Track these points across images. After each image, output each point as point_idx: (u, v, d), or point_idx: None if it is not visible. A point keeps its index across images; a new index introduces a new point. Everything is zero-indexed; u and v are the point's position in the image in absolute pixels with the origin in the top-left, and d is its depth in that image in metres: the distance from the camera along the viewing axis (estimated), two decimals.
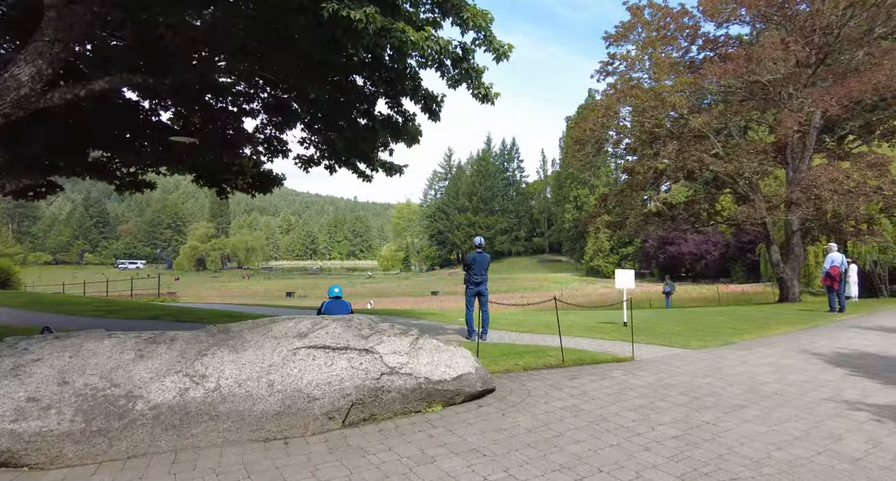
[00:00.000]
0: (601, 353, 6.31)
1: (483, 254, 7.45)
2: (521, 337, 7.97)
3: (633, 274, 8.46)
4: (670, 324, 9.16)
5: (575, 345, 7.12)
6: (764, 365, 5.76)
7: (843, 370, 5.55)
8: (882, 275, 26.12)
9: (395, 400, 3.77)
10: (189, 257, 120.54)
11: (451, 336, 7.92)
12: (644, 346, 6.95)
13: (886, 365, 5.83)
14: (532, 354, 5.96)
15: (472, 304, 7.53)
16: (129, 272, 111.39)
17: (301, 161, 8.11)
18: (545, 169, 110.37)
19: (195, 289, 78.96)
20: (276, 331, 3.90)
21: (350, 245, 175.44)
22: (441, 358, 4.17)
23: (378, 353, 3.85)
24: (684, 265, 55.46)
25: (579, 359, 5.78)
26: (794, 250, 17.06)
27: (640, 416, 3.91)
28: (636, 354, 6.30)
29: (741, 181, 17.33)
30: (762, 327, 8.74)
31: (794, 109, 14.72)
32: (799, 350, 6.74)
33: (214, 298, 60.50)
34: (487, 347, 6.53)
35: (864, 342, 7.35)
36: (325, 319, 4.16)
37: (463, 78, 5.90)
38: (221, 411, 3.25)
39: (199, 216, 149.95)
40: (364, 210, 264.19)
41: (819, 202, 14.30)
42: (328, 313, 5.86)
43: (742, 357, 6.28)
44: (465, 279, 7.44)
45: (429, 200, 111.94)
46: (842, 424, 3.76)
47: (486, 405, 4.15)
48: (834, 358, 6.22)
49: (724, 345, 7.17)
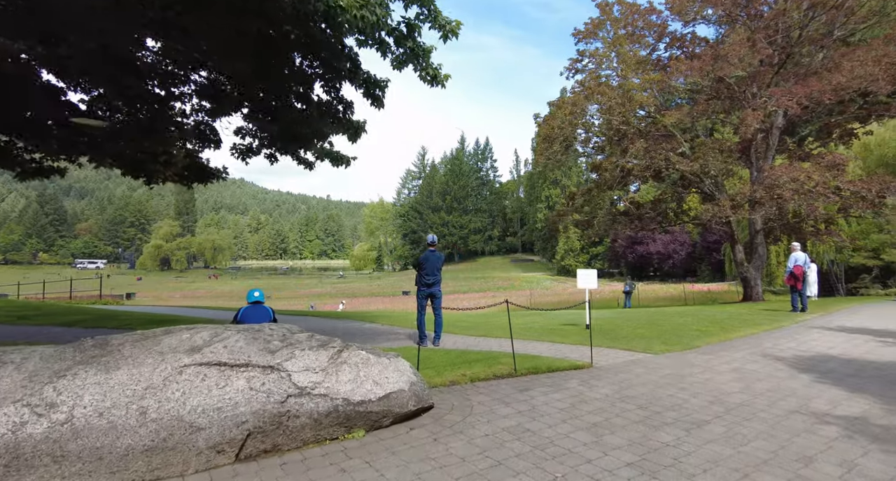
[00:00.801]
0: (559, 360, 5.85)
1: (436, 253, 6.90)
2: (477, 342, 7.46)
3: (595, 274, 8.07)
4: (634, 327, 8.83)
5: (533, 349, 6.66)
6: (729, 372, 5.40)
7: (809, 376, 5.24)
8: (838, 274, 26.95)
9: (305, 426, 3.17)
10: (153, 256, 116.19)
11: (402, 342, 7.36)
12: (605, 351, 6.54)
13: (850, 369, 5.57)
14: (483, 363, 5.44)
15: (425, 307, 6.97)
16: (89, 272, 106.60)
17: (238, 151, 7.39)
18: (518, 169, 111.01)
19: (157, 289, 76.06)
20: (164, 345, 3.24)
21: (322, 244, 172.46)
22: (369, 373, 3.59)
23: (286, 371, 3.24)
24: (652, 264, 56.44)
25: (534, 367, 5.30)
26: (758, 250, 17.19)
27: (593, 438, 3.42)
28: (596, 360, 5.87)
29: (707, 180, 17.36)
30: (727, 329, 8.49)
31: (758, 108, 14.74)
32: (764, 354, 6.45)
33: (175, 300, 58.28)
34: (436, 355, 5.99)
35: (827, 344, 7.14)
36: (228, 330, 3.52)
37: (409, 58, 5.34)
38: (71, 450, 2.58)
39: (165, 214, 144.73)
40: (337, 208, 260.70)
41: (781, 201, 14.36)
42: (244, 321, 5.19)
43: (706, 362, 5.93)
44: (417, 280, 6.87)
45: (402, 199, 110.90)
46: (812, 442, 3.37)
47: (418, 427, 3.60)
48: (799, 362, 5.94)
49: (689, 349, 6.84)
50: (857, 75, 13.89)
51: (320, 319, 13.05)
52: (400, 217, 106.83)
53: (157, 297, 62.82)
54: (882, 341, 7.33)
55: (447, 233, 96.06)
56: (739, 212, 15.36)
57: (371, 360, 3.72)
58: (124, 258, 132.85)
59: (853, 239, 23.49)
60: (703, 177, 17.18)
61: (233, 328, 3.64)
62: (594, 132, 18.41)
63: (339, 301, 42.99)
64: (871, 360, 6.01)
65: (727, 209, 15.18)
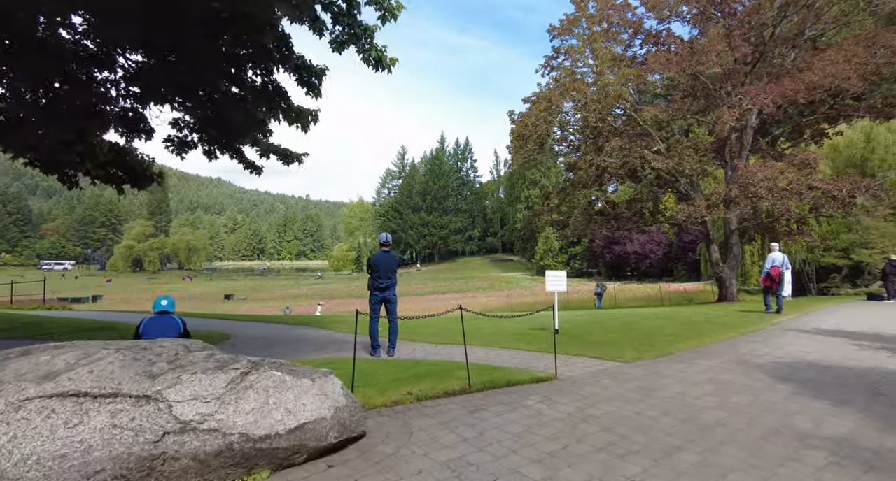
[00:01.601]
0: (520, 371, 5.32)
1: (389, 254, 6.32)
2: (438, 350, 6.90)
3: (564, 275, 7.59)
4: (606, 331, 8.39)
5: (496, 358, 6.12)
6: (703, 384, 4.95)
7: (788, 387, 4.83)
8: (810, 274, 27.26)
9: (189, 470, 2.55)
10: (124, 257, 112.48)
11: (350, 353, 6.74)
12: (573, 360, 6.05)
13: (830, 377, 5.19)
14: (435, 377, 4.87)
15: (378, 313, 6.37)
16: (55, 273, 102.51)
17: (173, 143, 6.66)
18: (498, 169, 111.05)
19: (126, 291, 73.43)
20: (10, 371, 2.58)
21: (300, 244, 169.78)
22: (281, 399, 2.98)
23: (166, 401, 2.61)
24: (629, 264, 56.85)
25: (491, 381, 4.75)
26: (733, 250, 17.08)
27: (547, 473, 2.89)
28: (561, 371, 5.37)
29: (682, 180, 17.18)
30: (702, 333, 8.11)
31: (733, 106, 14.57)
32: (740, 360, 6.05)
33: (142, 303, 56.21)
34: (384, 368, 5.40)
35: (804, 349, 6.80)
36: (103, 350, 2.87)
37: (350, 39, 4.73)
38: None
39: (138, 214, 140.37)
40: (317, 208, 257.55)
41: (756, 200, 14.20)
42: (145, 335, 4.50)
43: (680, 372, 5.49)
44: (369, 284, 6.27)
45: (382, 199, 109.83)
46: (798, 473, 2.89)
47: (340, 464, 3.00)
48: (777, 370, 5.54)
49: (662, 356, 6.40)
50: (830, 73, 13.83)
51: (270, 324, 12.33)
52: (380, 217, 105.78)
53: (125, 300, 60.54)
54: (858, 345, 7.03)
55: (427, 233, 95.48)
56: (714, 212, 15.19)
57: (287, 383, 3.11)
58: (94, 259, 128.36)
59: (824, 239, 23.75)
60: (679, 177, 16.98)
61: (114, 346, 2.99)
62: (570, 130, 18.06)
63: (316, 303, 41.66)
64: (850, 367, 5.66)
65: (702, 209, 14.98)
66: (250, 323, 12.99)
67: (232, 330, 10.68)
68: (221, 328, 11.03)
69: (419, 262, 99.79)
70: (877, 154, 25.30)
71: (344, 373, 4.29)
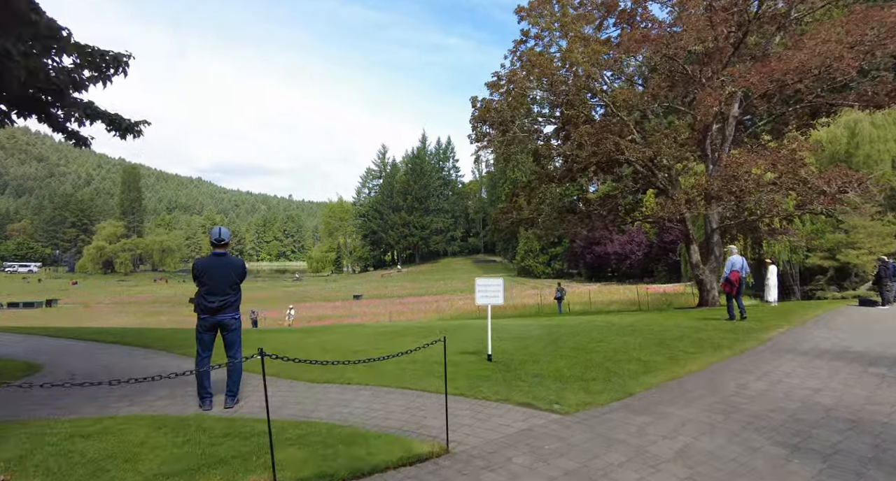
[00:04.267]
0: (396, 439, 3.46)
1: (226, 258, 4.36)
2: (313, 395, 4.99)
3: (500, 284, 5.79)
4: (555, 354, 6.57)
5: (380, 409, 4.27)
6: (671, 461, 3.17)
7: (805, 466, 3.07)
8: (794, 276, 25.99)
9: None
10: (94, 259, 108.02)
11: (163, 403, 4.74)
12: (489, 409, 4.23)
13: (864, 445, 3.45)
14: (240, 461, 2.98)
15: (210, 347, 4.35)
16: (18, 275, 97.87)
17: None
18: (480, 169, 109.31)
19: (92, 294, 69.94)
20: None
21: (280, 245, 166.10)
22: None
23: None
24: (610, 265, 55.64)
25: (323, 473, 2.87)
26: (714, 250, 15.55)
27: None
28: (461, 435, 3.54)
29: (660, 174, 15.60)
30: (677, 357, 6.37)
31: (716, 89, 12.99)
32: (727, 408, 4.30)
33: (102, 308, 53.23)
34: (178, 438, 3.43)
35: (809, 383, 5.09)
36: None
37: None
38: None
39: (112, 214, 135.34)
40: (299, 209, 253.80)
41: (741, 194, 12.63)
42: None
43: (640, 432, 3.70)
44: (195, 302, 4.27)
45: (362, 199, 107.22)
46: None
47: None
48: (781, 427, 3.80)
49: (620, 397, 4.63)
50: (820, 53, 12.32)
51: (112, 348, 8.82)
52: (360, 217, 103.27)
53: (84, 303, 57.35)
54: (879, 376, 5.35)
55: (408, 234, 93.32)
56: (694, 208, 13.59)
57: None
58: (63, 261, 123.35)
59: (809, 238, 22.46)
60: (657, 170, 15.39)
61: None
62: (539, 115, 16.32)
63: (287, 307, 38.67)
64: (884, 421, 3.93)
65: (681, 204, 13.38)
66: (93, 344, 9.40)
67: (60, 354, 7.87)
68: (49, 351, 8.22)
69: (399, 263, 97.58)
70: (861, 150, 24.16)
71: (104, 448, 2.40)
